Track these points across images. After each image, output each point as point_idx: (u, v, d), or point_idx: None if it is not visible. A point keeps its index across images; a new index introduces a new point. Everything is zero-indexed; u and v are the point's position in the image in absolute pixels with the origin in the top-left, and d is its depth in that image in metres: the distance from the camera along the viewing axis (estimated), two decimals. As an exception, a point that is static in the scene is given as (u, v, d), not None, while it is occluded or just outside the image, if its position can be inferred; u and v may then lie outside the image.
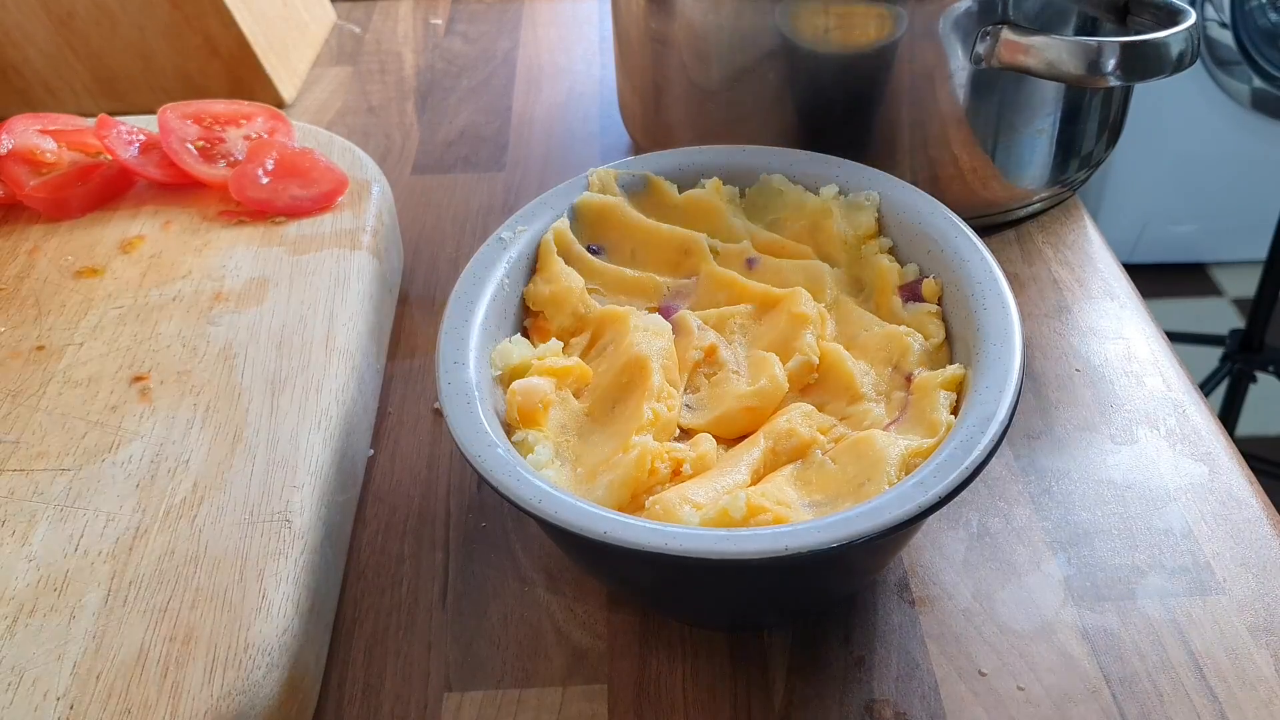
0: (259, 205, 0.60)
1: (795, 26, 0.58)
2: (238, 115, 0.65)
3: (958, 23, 0.57)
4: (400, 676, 0.43)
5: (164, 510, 0.43)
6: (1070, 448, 0.51)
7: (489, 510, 0.49)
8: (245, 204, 0.60)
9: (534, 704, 0.42)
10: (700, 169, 0.52)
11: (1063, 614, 0.44)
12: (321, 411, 0.48)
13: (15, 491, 0.44)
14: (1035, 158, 0.63)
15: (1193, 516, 0.47)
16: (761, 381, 0.43)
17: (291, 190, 0.60)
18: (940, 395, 0.42)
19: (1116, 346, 0.57)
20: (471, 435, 0.39)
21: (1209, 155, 2.14)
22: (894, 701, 0.41)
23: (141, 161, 0.62)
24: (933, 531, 0.47)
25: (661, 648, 0.43)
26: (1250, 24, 1.65)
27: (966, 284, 0.45)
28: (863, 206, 0.50)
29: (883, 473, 0.39)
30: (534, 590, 0.46)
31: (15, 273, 0.57)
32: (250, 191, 0.60)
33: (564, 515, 0.36)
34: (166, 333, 0.52)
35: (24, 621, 0.39)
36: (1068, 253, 0.64)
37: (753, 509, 0.38)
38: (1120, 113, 0.67)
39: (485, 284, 0.46)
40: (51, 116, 0.65)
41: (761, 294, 0.48)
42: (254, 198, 0.60)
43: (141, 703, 0.37)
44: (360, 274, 0.56)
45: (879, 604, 0.45)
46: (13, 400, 0.49)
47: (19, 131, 0.63)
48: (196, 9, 0.76)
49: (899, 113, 0.60)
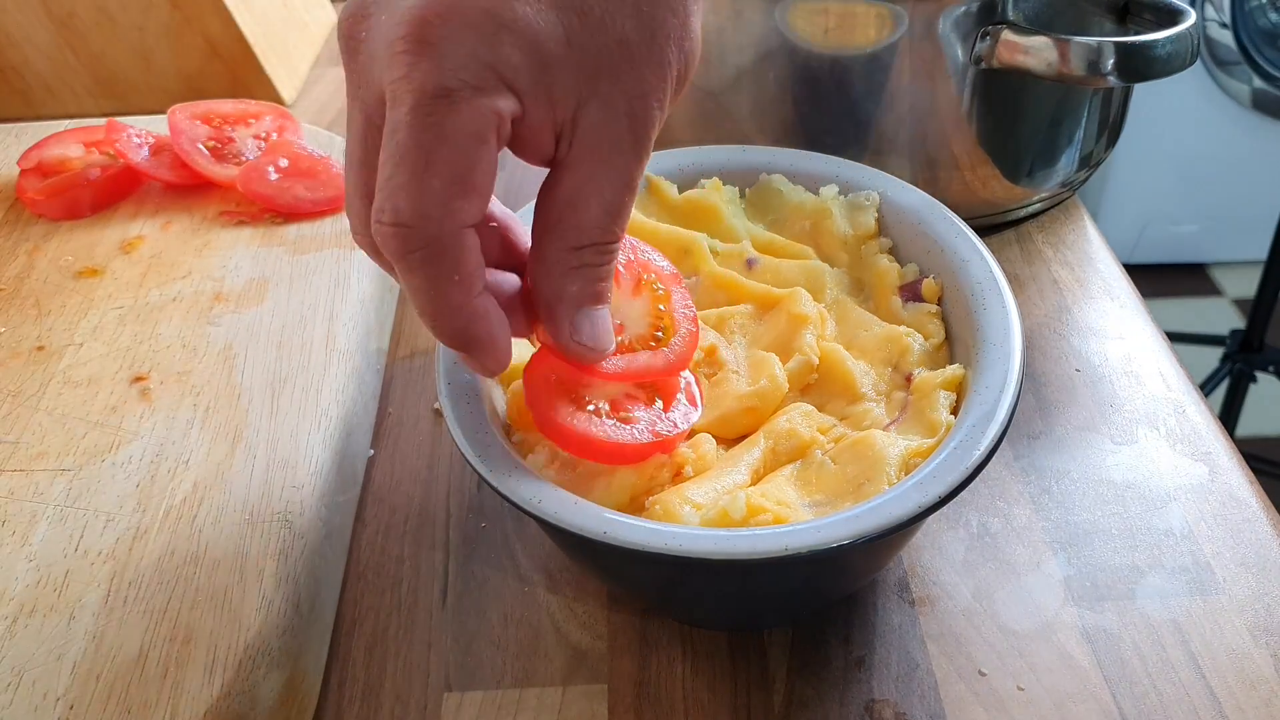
0: (262, 200, 0.60)
1: (795, 26, 0.58)
2: (245, 115, 0.65)
3: (958, 23, 0.57)
4: (400, 676, 0.43)
5: (164, 510, 0.43)
6: (1070, 448, 0.51)
7: (489, 510, 0.49)
8: (249, 197, 0.60)
9: (534, 704, 0.42)
10: (700, 169, 0.52)
11: (1063, 614, 0.44)
12: (321, 411, 0.48)
13: (15, 491, 0.44)
14: (1035, 158, 0.63)
15: (1193, 516, 0.47)
16: (761, 382, 0.43)
17: (297, 190, 0.60)
18: (940, 395, 0.42)
19: (1116, 346, 0.57)
20: (471, 435, 0.39)
21: (1209, 155, 2.14)
22: (894, 701, 0.41)
23: (153, 163, 0.63)
24: (933, 531, 0.47)
25: (661, 648, 0.43)
26: (1250, 24, 1.65)
27: (966, 284, 0.45)
28: (863, 206, 0.50)
29: (883, 473, 0.39)
30: (534, 590, 0.46)
31: (15, 273, 0.57)
32: (257, 186, 0.60)
33: (564, 515, 0.36)
34: (166, 333, 0.52)
35: (24, 622, 0.39)
36: (1068, 253, 0.64)
37: (753, 509, 0.38)
38: (1120, 113, 0.67)
39: (485, 284, 0.46)
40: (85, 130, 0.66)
41: (761, 294, 0.48)
42: (259, 192, 0.60)
43: (141, 703, 0.37)
44: (360, 274, 0.56)
45: (879, 604, 0.45)
46: (13, 400, 0.49)
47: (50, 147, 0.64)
48: (196, 9, 0.76)
49: (899, 113, 0.60)
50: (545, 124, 0.33)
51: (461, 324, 0.34)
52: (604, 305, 0.37)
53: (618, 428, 0.39)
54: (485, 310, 0.34)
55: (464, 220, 0.32)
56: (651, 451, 0.39)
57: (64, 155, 0.64)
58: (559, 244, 0.35)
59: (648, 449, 0.39)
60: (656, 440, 0.39)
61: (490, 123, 0.32)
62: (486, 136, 0.32)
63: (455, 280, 0.33)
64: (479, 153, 0.32)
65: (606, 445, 0.38)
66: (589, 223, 0.35)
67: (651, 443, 0.39)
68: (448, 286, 0.33)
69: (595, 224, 0.35)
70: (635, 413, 0.40)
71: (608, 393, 0.40)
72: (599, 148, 0.34)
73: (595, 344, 0.37)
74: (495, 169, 0.33)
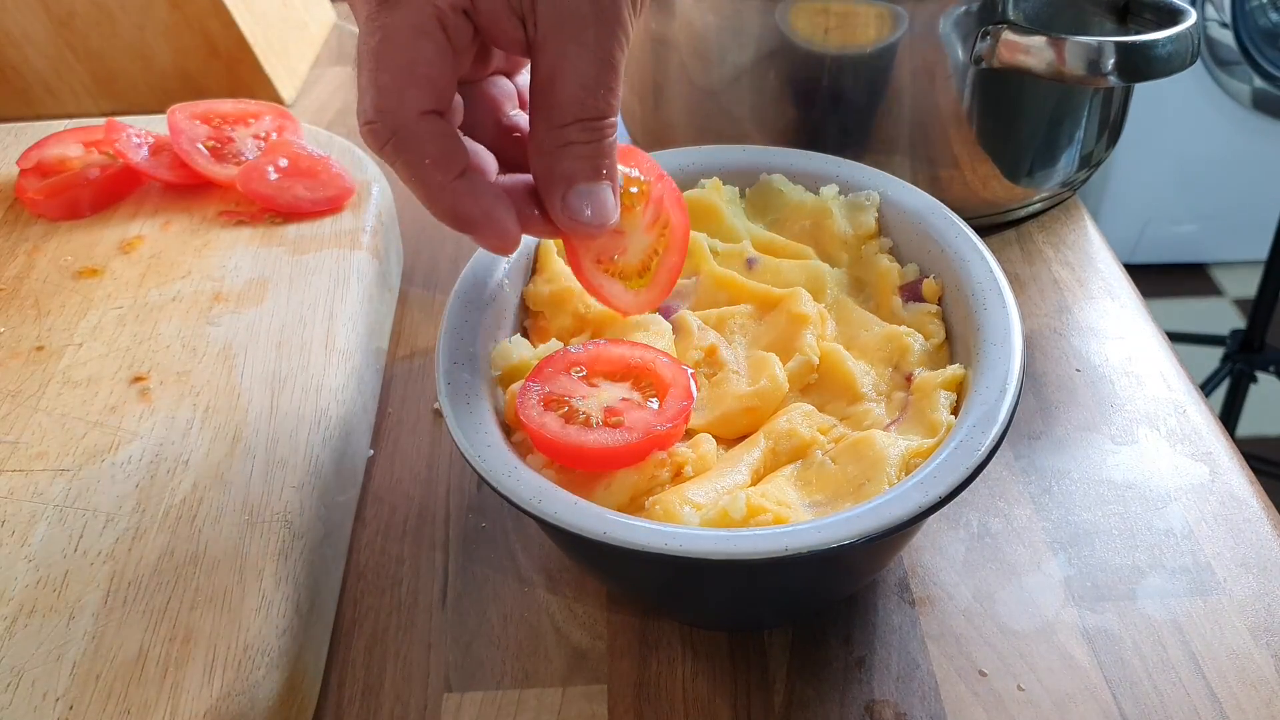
0: (262, 200, 0.60)
1: (795, 26, 0.58)
2: (245, 114, 0.65)
3: (958, 23, 0.57)
4: (400, 677, 0.43)
5: (163, 510, 0.43)
6: (1070, 448, 0.51)
7: (489, 510, 0.49)
8: (248, 196, 0.60)
9: (534, 704, 0.41)
10: (700, 169, 0.52)
11: (1063, 614, 0.44)
12: (321, 411, 0.48)
13: (15, 491, 0.44)
14: (1035, 158, 0.63)
15: (1193, 516, 0.47)
16: (762, 382, 0.43)
17: (297, 190, 0.60)
18: (940, 395, 0.42)
19: (1116, 346, 0.57)
20: (471, 435, 0.39)
21: (1209, 155, 2.14)
22: (894, 702, 0.41)
23: (153, 163, 0.62)
24: (933, 531, 0.47)
25: (661, 648, 0.43)
26: (1250, 24, 1.65)
27: (966, 284, 0.45)
28: (863, 206, 0.50)
29: (883, 473, 0.39)
30: (534, 590, 0.46)
31: (15, 273, 0.57)
32: (257, 185, 0.60)
33: (564, 515, 0.36)
34: (166, 333, 0.52)
35: (23, 622, 0.39)
36: (1068, 253, 0.64)
37: (753, 509, 0.38)
38: (1120, 113, 0.67)
39: (485, 284, 0.46)
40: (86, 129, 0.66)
41: (761, 294, 0.48)
42: (259, 191, 0.60)
43: (141, 703, 0.37)
44: (360, 274, 0.56)
45: (879, 604, 0.45)
46: (12, 400, 0.49)
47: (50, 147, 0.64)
48: (196, 9, 0.76)
49: (899, 113, 0.60)
50: (499, 8, 0.35)
51: (449, 203, 0.36)
52: (599, 181, 0.38)
53: (608, 433, 0.39)
54: (471, 189, 0.37)
55: (418, 107, 0.35)
56: (648, 449, 0.39)
57: (63, 155, 0.64)
58: (543, 124, 0.37)
59: (641, 447, 0.39)
60: (649, 438, 0.39)
61: (428, 14, 0.34)
62: (427, 28, 0.35)
63: (428, 164, 0.36)
64: (420, 44, 0.35)
65: (598, 451, 0.39)
66: (567, 99, 0.36)
67: (643, 441, 0.39)
68: (425, 171, 0.36)
69: (573, 100, 0.36)
70: (629, 416, 0.40)
71: (603, 399, 0.40)
72: (563, 25, 0.35)
73: (586, 219, 0.38)
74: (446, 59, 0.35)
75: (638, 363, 0.42)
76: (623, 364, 0.42)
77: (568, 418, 0.39)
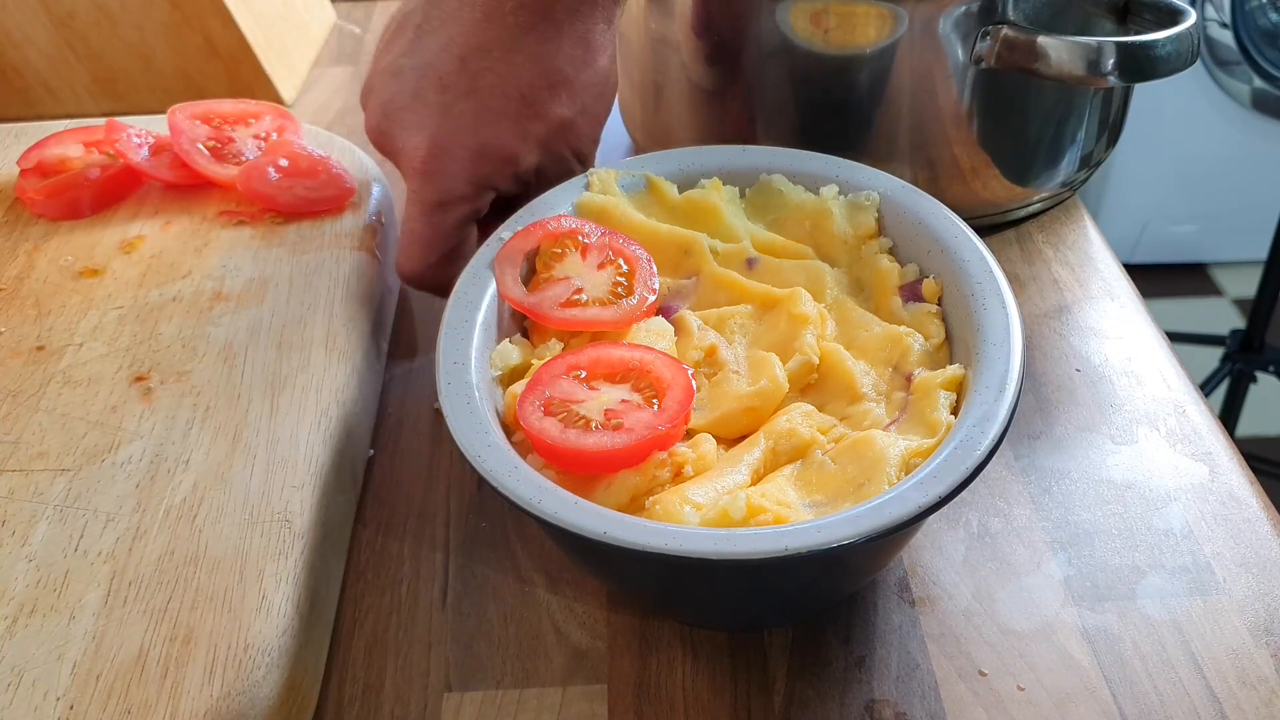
0: (262, 200, 0.60)
1: (795, 26, 0.58)
2: (245, 114, 0.65)
3: (958, 23, 0.57)
4: (400, 676, 0.43)
5: (164, 510, 0.43)
6: (1070, 448, 0.51)
7: (489, 510, 0.49)
8: (249, 196, 0.60)
9: (534, 704, 0.42)
10: (700, 169, 0.52)
11: (1063, 614, 0.44)
12: (321, 411, 0.48)
13: (15, 491, 0.44)
14: (1035, 158, 0.63)
15: (1193, 516, 0.47)
16: (762, 382, 0.43)
17: (297, 190, 0.60)
18: (940, 395, 0.42)
19: (1116, 346, 0.57)
20: (471, 435, 0.39)
21: (1209, 155, 2.14)
22: (894, 702, 0.41)
23: (153, 164, 0.62)
24: (933, 531, 0.47)
25: (661, 648, 0.43)
26: (1250, 24, 1.65)
27: (966, 284, 0.45)
28: (863, 206, 0.50)
29: (883, 473, 0.39)
30: (534, 590, 0.46)
31: (15, 273, 0.57)
32: (257, 184, 0.60)
33: (564, 515, 0.36)
34: (166, 333, 0.52)
35: (24, 622, 0.39)
36: (1068, 253, 0.64)
37: (753, 509, 0.38)
38: (1120, 113, 0.67)
39: (485, 284, 0.46)
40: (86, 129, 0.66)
41: (761, 294, 0.48)
42: (260, 191, 0.60)
43: (141, 703, 0.37)
44: (360, 274, 0.56)
45: (879, 604, 0.45)
46: (13, 400, 0.49)
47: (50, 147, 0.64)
48: (196, 9, 0.76)
49: (899, 113, 0.60)
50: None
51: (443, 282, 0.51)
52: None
53: (608, 435, 0.39)
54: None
55: (454, 274, 0.47)
56: (648, 450, 0.39)
57: (64, 155, 0.64)
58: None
59: (641, 448, 0.39)
60: (649, 439, 0.39)
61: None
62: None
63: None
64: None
65: (599, 454, 0.39)
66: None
67: (643, 441, 0.39)
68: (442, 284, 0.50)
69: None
70: (629, 417, 0.40)
71: (603, 401, 0.41)
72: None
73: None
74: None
75: (637, 364, 0.42)
76: (623, 365, 0.42)
77: (567, 422, 0.39)
